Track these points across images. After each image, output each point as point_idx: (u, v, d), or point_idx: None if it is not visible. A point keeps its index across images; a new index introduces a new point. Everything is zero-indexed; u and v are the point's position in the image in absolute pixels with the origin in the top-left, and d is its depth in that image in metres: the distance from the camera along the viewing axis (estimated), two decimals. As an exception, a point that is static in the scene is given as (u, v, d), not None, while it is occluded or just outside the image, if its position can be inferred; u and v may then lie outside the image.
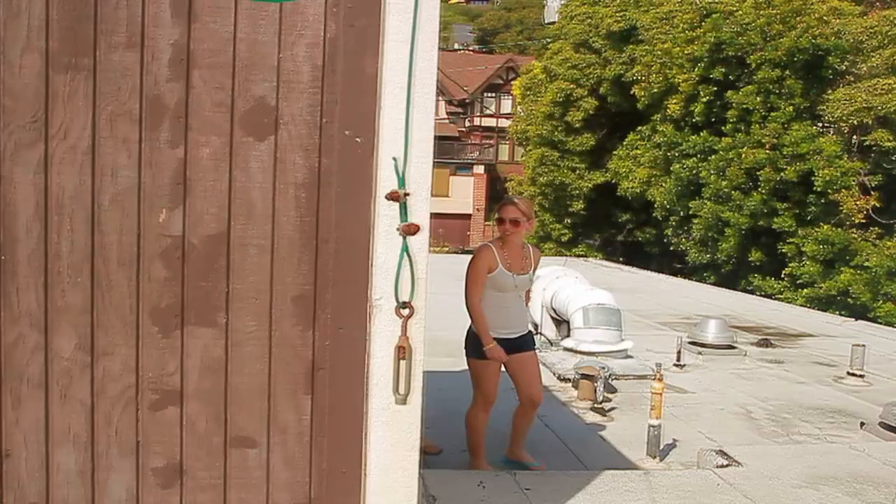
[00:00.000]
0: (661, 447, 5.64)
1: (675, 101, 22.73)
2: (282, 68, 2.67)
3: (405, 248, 2.71)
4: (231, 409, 2.74)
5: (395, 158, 2.68)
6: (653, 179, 23.85)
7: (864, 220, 19.65)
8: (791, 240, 20.25)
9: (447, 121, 44.21)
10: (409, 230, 2.69)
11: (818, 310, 16.53)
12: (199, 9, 2.61)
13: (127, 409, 2.70)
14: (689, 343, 9.26)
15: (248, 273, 2.72)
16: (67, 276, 2.63)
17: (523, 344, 5.09)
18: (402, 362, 2.73)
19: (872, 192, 19.69)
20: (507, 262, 4.97)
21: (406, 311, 2.74)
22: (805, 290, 19.64)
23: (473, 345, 4.92)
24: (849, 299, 18.64)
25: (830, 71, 20.28)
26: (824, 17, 20.17)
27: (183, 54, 2.62)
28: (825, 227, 19.49)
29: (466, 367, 5.05)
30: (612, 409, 6.86)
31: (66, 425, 2.67)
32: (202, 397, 2.73)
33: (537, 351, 5.47)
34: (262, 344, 2.74)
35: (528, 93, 29.88)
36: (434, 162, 2.76)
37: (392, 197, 2.69)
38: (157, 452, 2.72)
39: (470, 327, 4.97)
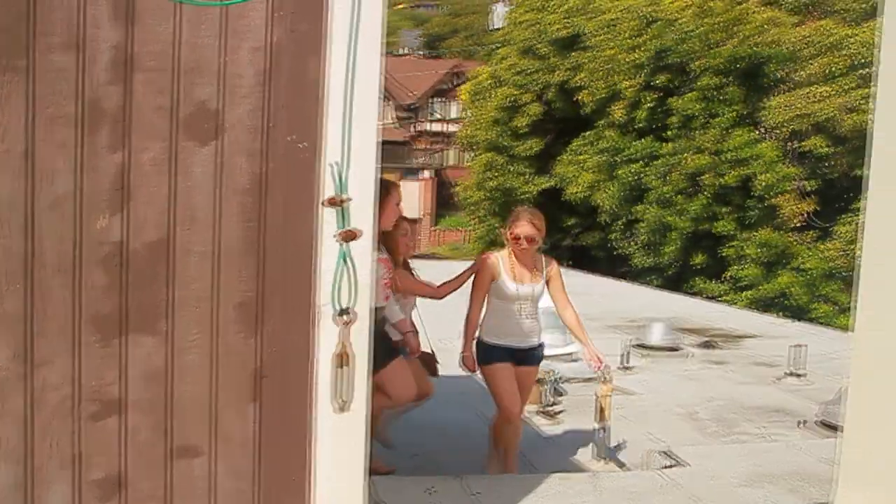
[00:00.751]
0: (609, 449, 5.70)
1: (619, 107, 23.07)
2: (225, 73, 2.63)
3: (344, 254, 2.69)
4: (174, 418, 2.69)
5: (333, 164, 2.65)
6: (598, 184, 24.13)
7: (801, 224, 20.19)
8: (732, 243, 20.69)
9: (395, 125, 44.17)
10: (349, 236, 2.67)
11: (759, 311, 16.89)
12: (139, 11, 2.56)
13: (65, 421, 2.62)
14: (635, 346, 9.38)
15: (191, 280, 2.67)
16: (4, 284, 2.55)
17: (525, 358, 5.03)
18: (344, 369, 2.71)
19: (809, 197, 20.24)
20: (512, 273, 4.92)
21: (346, 318, 2.71)
22: (747, 292, 20.07)
23: (479, 353, 4.94)
24: (788, 301, 19.11)
25: (769, 78, 20.82)
26: (762, 27, 20.68)
27: (123, 57, 2.56)
28: (765, 230, 19.97)
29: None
30: (560, 412, 6.92)
31: (2, 438, 2.59)
32: (144, 407, 2.67)
33: None
34: (206, 352, 2.69)
35: (475, 98, 30.01)
36: (381, 167, 2.75)
37: (331, 203, 2.66)
38: (96, 464, 2.65)
39: (478, 337, 4.97)
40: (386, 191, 4.34)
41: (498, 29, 35.19)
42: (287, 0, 2.66)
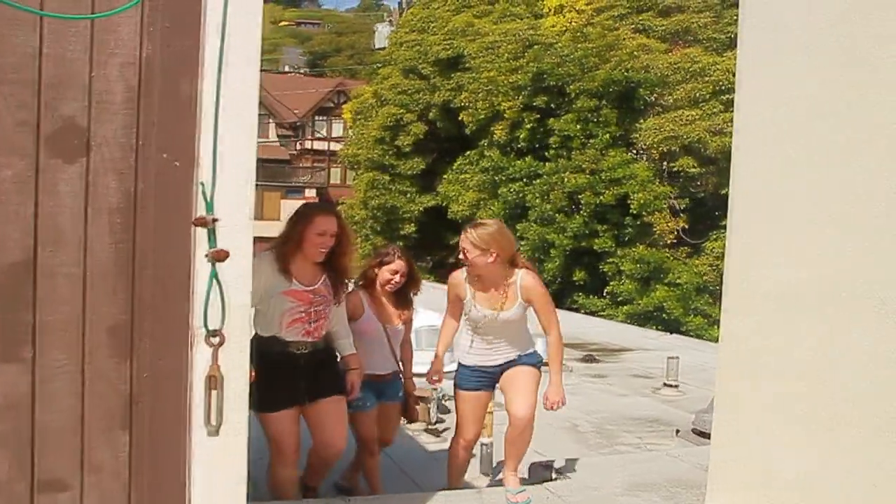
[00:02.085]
0: (494, 465, 5.74)
1: (500, 127, 23.58)
2: (93, 88, 2.53)
3: (214, 275, 2.62)
4: (38, 450, 2.53)
5: (201, 184, 2.58)
6: (481, 202, 24.50)
7: (674, 241, 21.11)
8: (611, 259, 21.37)
9: (277, 144, 43.57)
10: (219, 256, 2.60)
11: (637, 325, 17.50)
12: (-3, 22, 2.43)
13: (-84, 457, 2.44)
14: (518, 361, 9.51)
15: (58, 303, 2.54)
16: None
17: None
18: (214, 392, 2.63)
19: (681, 215, 21.20)
20: (474, 293, 4.56)
21: (216, 340, 2.63)
22: (624, 306, 20.75)
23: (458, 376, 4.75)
24: (663, 314, 19.88)
25: (641, 102, 21.73)
26: (634, 52, 21.60)
27: (-21, 69, 2.42)
28: (641, 247, 20.76)
29: None
30: (446, 429, 6.93)
31: None
32: (2, 440, 2.50)
33: None
34: (74, 378, 2.56)
35: (359, 117, 30.02)
36: (264, 185, 2.69)
37: (199, 223, 2.59)
38: (-50, 504, 2.48)
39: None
40: (306, 219, 4.16)
41: (381, 48, 35.41)
42: (160, 15, 2.58)
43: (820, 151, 3.07)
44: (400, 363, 5.03)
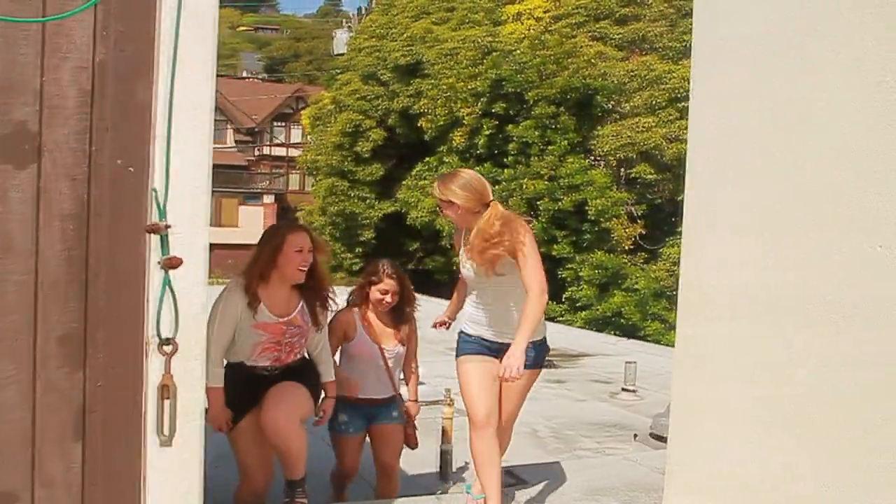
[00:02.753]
0: (454, 471, 5.75)
1: (459, 133, 23.63)
2: (45, 92, 2.48)
3: (167, 282, 2.58)
4: (-14, 463, 2.48)
5: (153, 190, 2.55)
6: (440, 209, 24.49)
7: (632, 247, 21.32)
8: (569, 265, 21.52)
9: (235, 149, 43.14)
10: (172, 263, 2.57)
11: (595, 330, 17.65)
12: (-56, 24, 2.37)
13: None
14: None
15: (8, 312, 2.48)
16: None
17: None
18: (166, 402, 2.59)
19: (639, 221, 21.44)
20: (463, 250, 4.07)
21: (169, 349, 2.59)
22: (583, 312, 20.89)
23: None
24: (622, 320, 20.06)
25: (599, 109, 21.92)
26: (592, 60, 21.80)
27: (-76, 73, 2.37)
28: (599, 253, 20.93)
29: None
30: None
31: None
32: (-50, 453, 2.44)
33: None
34: (25, 389, 2.50)
35: (318, 123, 29.86)
36: (222, 192, 2.67)
37: (152, 229, 2.56)
38: None
39: None
40: (279, 237, 3.91)
41: (340, 54, 35.22)
42: (114, 19, 2.55)
43: (769, 159, 3.13)
44: (400, 385, 4.77)
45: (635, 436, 7.09)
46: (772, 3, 3.19)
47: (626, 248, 21.19)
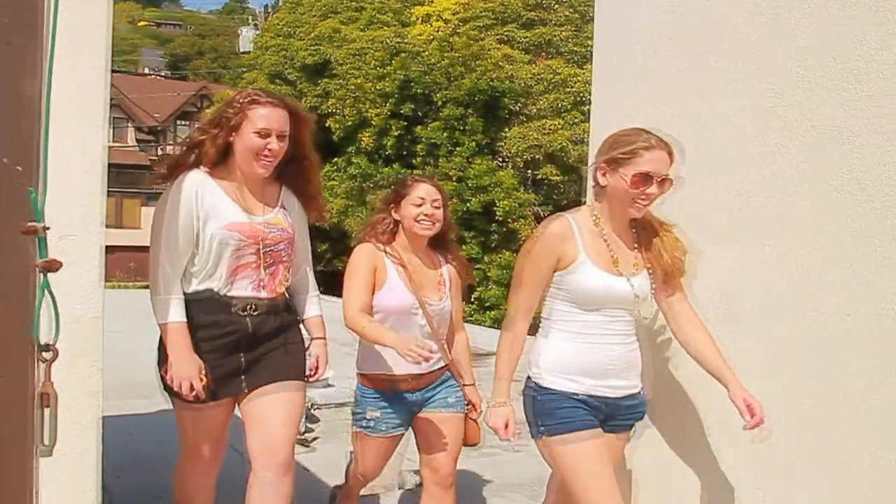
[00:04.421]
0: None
1: (368, 134, 23.55)
2: (-75, 87, 2.34)
3: (45, 286, 2.46)
4: None
5: (30, 189, 2.42)
6: (349, 210, 24.37)
7: (539, 247, 21.69)
8: (478, 266, 21.70)
9: (137, 149, 41.84)
10: (50, 266, 2.44)
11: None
12: None
13: None
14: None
15: None
16: None
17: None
18: (46, 410, 2.47)
19: (545, 221, 21.84)
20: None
21: (48, 355, 2.45)
22: (491, 312, 21.12)
23: None
24: (529, 319, 20.37)
25: (506, 111, 22.23)
26: (499, 63, 22.09)
27: None
28: (507, 253, 21.21)
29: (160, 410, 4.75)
30: (315, 439, 6.83)
31: None
32: None
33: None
34: None
35: (223, 122, 29.26)
36: (122, 192, 2.56)
37: (28, 231, 2.43)
38: None
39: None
40: (238, 108, 2.93)
41: (246, 52, 34.66)
42: None
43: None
44: (449, 355, 3.52)
45: (542, 433, 7.20)
46: (665, 15, 3.28)
47: (533, 248, 21.55)
